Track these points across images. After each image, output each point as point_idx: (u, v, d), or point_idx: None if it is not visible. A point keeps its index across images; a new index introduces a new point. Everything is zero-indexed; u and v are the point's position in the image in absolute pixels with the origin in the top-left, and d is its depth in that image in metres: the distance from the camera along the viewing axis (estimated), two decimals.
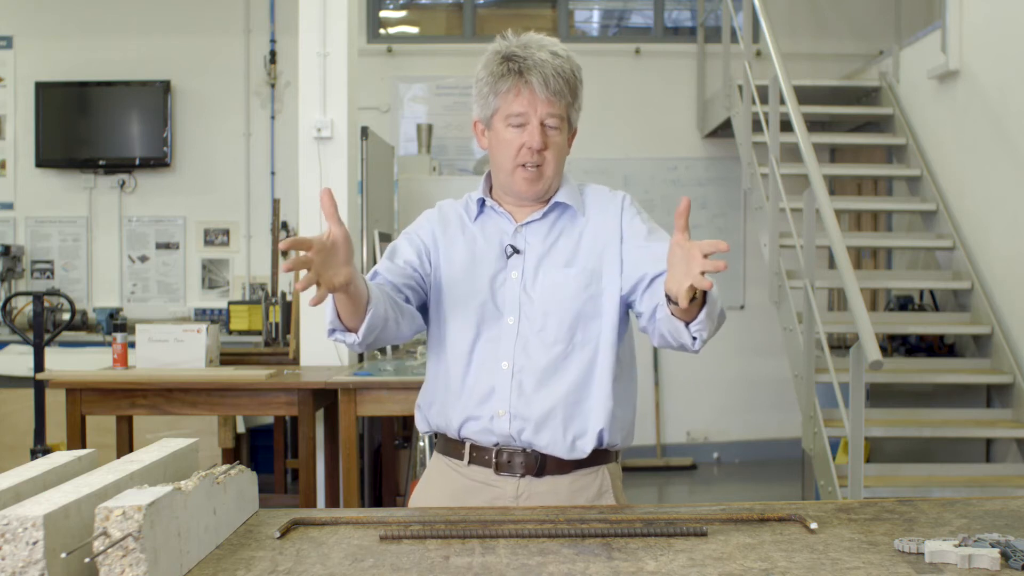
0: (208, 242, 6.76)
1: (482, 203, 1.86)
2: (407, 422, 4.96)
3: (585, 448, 1.76)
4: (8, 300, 5.08)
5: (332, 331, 1.69)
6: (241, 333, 5.97)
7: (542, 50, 1.75)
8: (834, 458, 3.95)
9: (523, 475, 1.77)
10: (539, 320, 1.76)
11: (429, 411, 1.86)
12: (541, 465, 1.76)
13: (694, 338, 1.64)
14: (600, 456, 1.80)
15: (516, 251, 1.81)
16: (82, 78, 6.59)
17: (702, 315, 1.59)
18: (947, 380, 4.60)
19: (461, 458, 1.81)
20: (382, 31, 7.10)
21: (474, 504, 1.77)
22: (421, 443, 4.32)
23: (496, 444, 1.77)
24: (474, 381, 1.78)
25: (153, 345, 3.98)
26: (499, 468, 1.77)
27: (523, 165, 1.76)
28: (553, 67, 1.73)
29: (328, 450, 4.30)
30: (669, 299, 1.61)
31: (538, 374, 1.75)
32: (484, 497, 1.78)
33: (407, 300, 1.79)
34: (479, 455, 1.79)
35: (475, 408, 1.77)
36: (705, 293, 1.58)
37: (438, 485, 1.85)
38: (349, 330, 1.66)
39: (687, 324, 1.62)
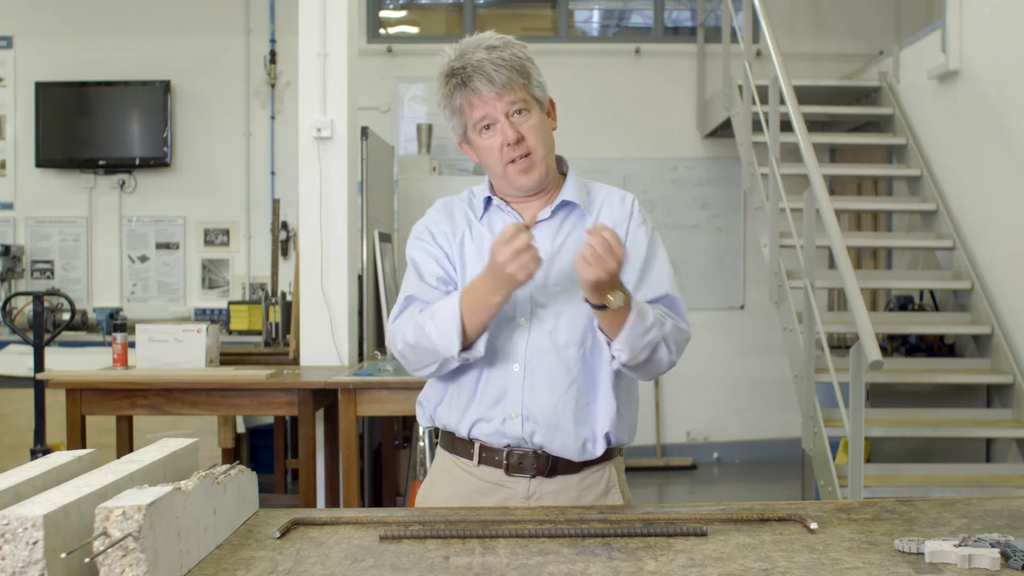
0: (208, 242, 6.76)
1: (488, 201, 1.85)
2: (407, 422, 4.96)
3: (595, 450, 1.76)
4: (8, 300, 5.09)
5: (463, 350, 1.70)
6: (241, 333, 5.97)
7: (477, 51, 1.74)
8: (834, 458, 3.95)
9: (534, 476, 1.76)
10: (551, 322, 1.75)
11: (435, 410, 1.84)
12: (552, 466, 1.76)
13: (613, 357, 1.70)
14: (607, 453, 1.80)
15: None
16: (82, 78, 6.59)
17: (622, 335, 1.65)
18: (947, 380, 4.60)
19: (471, 458, 1.79)
20: (382, 31, 7.10)
21: (487, 504, 1.76)
22: (421, 443, 4.32)
23: (507, 446, 1.77)
24: (486, 383, 1.77)
25: (153, 345, 3.98)
26: (510, 469, 1.77)
27: (512, 161, 1.75)
28: (491, 62, 1.72)
29: (328, 450, 4.30)
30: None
31: (549, 377, 1.74)
32: (495, 498, 1.77)
33: None
34: (489, 456, 1.78)
35: (487, 410, 1.76)
36: (631, 308, 1.64)
37: (446, 485, 1.83)
38: (471, 346, 1.71)
39: (609, 343, 1.69)
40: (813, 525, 1.44)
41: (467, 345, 1.70)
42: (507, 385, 1.75)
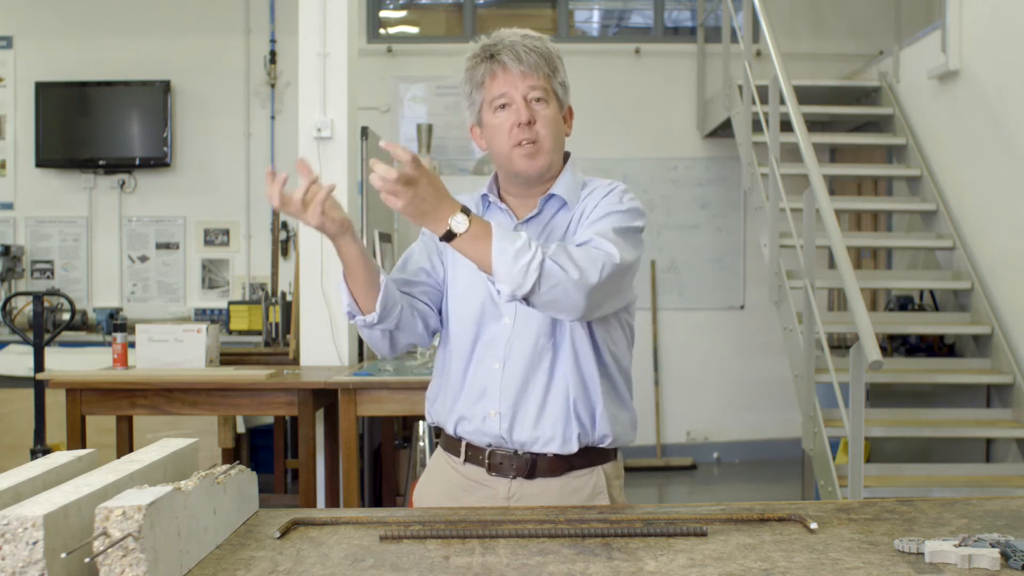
0: (208, 242, 6.75)
1: (485, 198, 1.86)
2: (407, 422, 4.96)
3: (572, 443, 1.75)
4: (8, 300, 5.09)
5: (351, 314, 1.75)
6: (241, 333, 5.97)
7: (513, 35, 1.76)
8: (834, 458, 3.95)
9: (514, 477, 1.77)
10: (525, 317, 1.76)
11: (432, 406, 1.89)
12: (532, 467, 1.77)
13: (499, 292, 1.62)
14: (593, 456, 1.79)
15: None
16: (82, 78, 6.59)
17: (493, 262, 1.56)
18: (947, 380, 4.60)
19: (458, 455, 1.83)
20: (382, 31, 7.10)
21: (469, 501, 1.79)
22: (421, 443, 4.32)
23: (489, 445, 1.78)
24: (471, 381, 1.79)
25: (153, 345, 3.98)
26: (491, 469, 1.79)
27: (519, 144, 1.74)
28: (523, 45, 1.73)
29: (328, 450, 4.30)
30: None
31: (523, 371, 1.76)
32: (478, 496, 1.79)
33: (424, 304, 1.83)
34: (474, 454, 1.80)
35: (469, 408, 1.79)
36: (491, 233, 1.57)
37: (437, 481, 1.87)
38: (365, 312, 1.73)
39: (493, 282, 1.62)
40: (813, 525, 1.44)
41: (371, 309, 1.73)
42: (488, 382, 1.77)
